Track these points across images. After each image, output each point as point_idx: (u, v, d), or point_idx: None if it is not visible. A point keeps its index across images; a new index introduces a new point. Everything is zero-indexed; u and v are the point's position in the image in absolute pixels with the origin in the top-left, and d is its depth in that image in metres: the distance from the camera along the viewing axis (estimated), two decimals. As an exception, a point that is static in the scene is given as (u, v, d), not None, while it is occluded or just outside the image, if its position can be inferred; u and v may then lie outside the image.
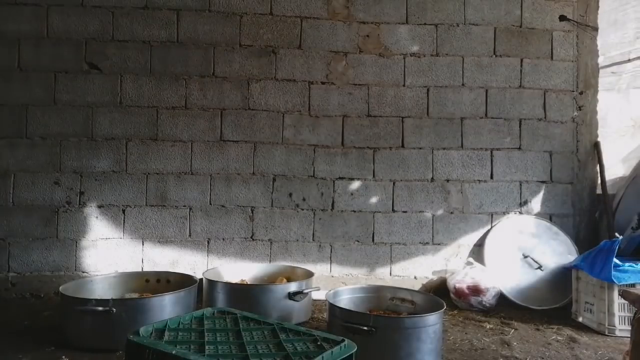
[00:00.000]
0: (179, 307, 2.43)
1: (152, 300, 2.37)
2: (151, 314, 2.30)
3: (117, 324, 2.26)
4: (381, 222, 3.59)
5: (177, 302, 2.43)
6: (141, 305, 2.34)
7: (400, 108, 3.62)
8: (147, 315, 2.29)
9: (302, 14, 3.56)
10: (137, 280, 2.95)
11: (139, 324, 1.68)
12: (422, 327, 2.02)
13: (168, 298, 2.39)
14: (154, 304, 2.35)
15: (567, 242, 3.56)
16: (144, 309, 2.32)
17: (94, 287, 2.78)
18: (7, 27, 3.36)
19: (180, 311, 2.39)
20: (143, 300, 2.40)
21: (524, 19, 3.71)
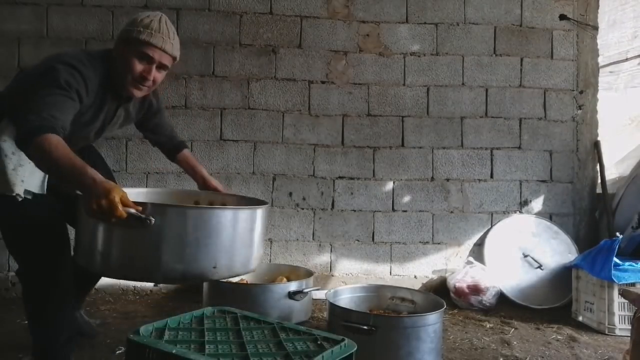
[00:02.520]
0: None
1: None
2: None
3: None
4: (381, 221, 3.59)
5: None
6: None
7: (400, 107, 3.62)
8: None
9: (302, 13, 3.56)
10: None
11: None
12: (422, 326, 2.02)
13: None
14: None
15: (567, 241, 3.56)
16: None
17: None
18: (7, 26, 3.36)
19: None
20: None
21: (524, 18, 3.70)
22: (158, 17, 1.84)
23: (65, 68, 1.63)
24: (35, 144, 1.41)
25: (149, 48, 1.78)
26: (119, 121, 2.01)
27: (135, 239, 1.48)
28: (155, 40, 1.78)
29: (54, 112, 1.51)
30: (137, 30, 1.77)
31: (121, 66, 1.79)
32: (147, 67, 1.80)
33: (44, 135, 1.41)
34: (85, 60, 1.73)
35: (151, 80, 1.82)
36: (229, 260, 1.60)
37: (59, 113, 1.52)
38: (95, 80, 1.74)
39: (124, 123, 2.10)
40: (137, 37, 1.77)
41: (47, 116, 1.47)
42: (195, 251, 1.52)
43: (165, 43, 1.80)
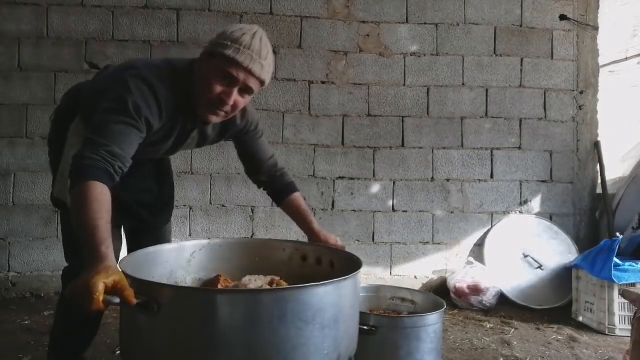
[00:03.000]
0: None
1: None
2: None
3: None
4: (381, 221, 3.59)
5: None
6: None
7: (400, 107, 3.62)
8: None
9: (302, 13, 3.56)
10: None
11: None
12: (422, 326, 2.02)
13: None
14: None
15: (567, 241, 3.56)
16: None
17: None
18: (7, 26, 3.36)
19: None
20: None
21: (524, 18, 3.70)
22: (252, 32, 1.51)
23: (139, 90, 1.43)
24: (81, 187, 1.24)
25: (233, 66, 1.45)
26: (193, 142, 1.74)
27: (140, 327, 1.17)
28: (241, 57, 1.45)
29: (116, 143, 1.34)
30: (224, 43, 1.46)
31: (200, 83, 1.51)
32: (228, 89, 1.48)
33: (93, 184, 1.24)
34: (166, 75, 1.51)
35: (230, 104, 1.51)
36: None
37: (122, 145, 1.36)
38: (172, 100, 1.51)
39: (200, 144, 1.80)
40: (221, 52, 1.45)
41: (104, 153, 1.30)
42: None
43: (253, 63, 1.47)
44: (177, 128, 1.61)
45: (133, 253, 1.44)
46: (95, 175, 1.27)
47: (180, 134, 1.65)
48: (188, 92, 1.55)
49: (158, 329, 1.13)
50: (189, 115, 1.60)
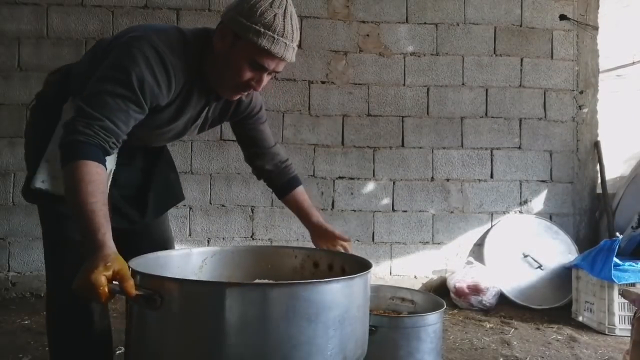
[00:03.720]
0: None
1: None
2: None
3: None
4: (381, 221, 3.59)
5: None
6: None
7: (400, 107, 3.62)
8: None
9: (302, 13, 3.56)
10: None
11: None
12: (422, 326, 2.02)
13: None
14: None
15: (567, 241, 3.56)
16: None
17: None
18: (7, 26, 3.36)
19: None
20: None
21: (524, 18, 3.70)
22: (283, 9, 1.32)
23: (145, 56, 1.28)
24: (69, 167, 1.17)
25: (266, 57, 1.32)
26: (200, 123, 1.58)
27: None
28: (277, 48, 1.31)
29: (111, 118, 1.24)
30: (256, 30, 1.29)
31: (224, 64, 1.37)
32: (259, 75, 1.37)
33: (86, 163, 1.17)
34: (175, 41, 1.35)
35: (259, 89, 1.42)
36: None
37: (117, 121, 1.25)
38: (183, 72, 1.36)
39: (207, 126, 1.65)
40: (254, 40, 1.29)
41: (98, 128, 1.21)
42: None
43: (287, 50, 1.33)
44: (189, 106, 1.45)
45: (143, 256, 1.36)
46: (89, 153, 1.18)
47: (192, 113, 1.49)
48: (200, 65, 1.40)
49: (161, 324, 1.12)
50: (201, 91, 1.45)
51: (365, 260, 1.42)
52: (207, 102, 1.51)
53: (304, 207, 1.77)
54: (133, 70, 1.26)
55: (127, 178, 1.58)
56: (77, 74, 1.48)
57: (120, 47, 1.31)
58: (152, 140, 1.56)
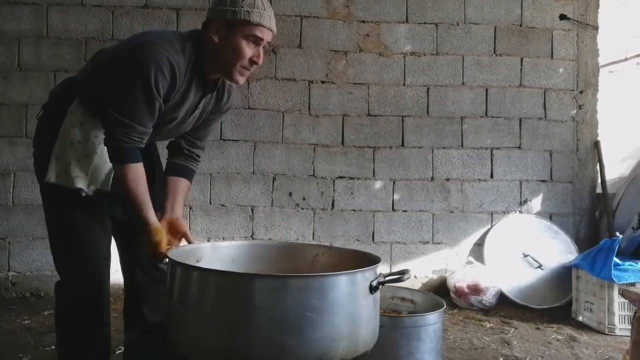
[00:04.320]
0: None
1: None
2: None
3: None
4: (381, 221, 3.59)
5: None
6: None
7: (400, 107, 3.62)
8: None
9: (302, 13, 3.56)
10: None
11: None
12: (422, 326, 2.02)
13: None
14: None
15: (567, 241, 3.56)
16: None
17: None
18: (7, 26, 3.36)
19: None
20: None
21: (524, 17, 3.70)
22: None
23: (157, 60, 1.48)
24: (120, 168, 1.52)
25: (259, 29, 1.55)
26: (198, 113, 1.74)
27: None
28: (265, 20, 1.55)
29: (142, 122, 1.52)
30: (244, 10, 1.52)
31: (225, 52, 1.56)
32: (256, 50, 1.58)
33: (127, 166, 1.50)
34: (177, 44, 1.55)
35: (260, 63, 1.62)
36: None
37: (147, 123, 1.53)
38: (185, 66, 1.57)
39: (202, 117, 1.80)
40: (245, 18, 1.52)
41: (134, 135, 1.51)
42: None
43: (271, 21, 1.58)
44: (189, 96, 1.64)
45: (180, 247, 1.61)
46: (131, 156, 1.51)
47: (192, 103, 1.67)
48: (197, 60, 1.60)
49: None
50: (197, 82, 1.64)
51: (375, 256, 1.52)
52: (204, 94, 1.69)
53: (177, 195, 1.82)
54: (150, 75, 1.47)
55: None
56: (81, 81, 1.65)
57: (131, 54, 1.51)
58: (156, 132, 1.65)
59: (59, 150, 1.58)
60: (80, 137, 1.58)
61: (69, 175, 1.57)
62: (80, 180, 1.58)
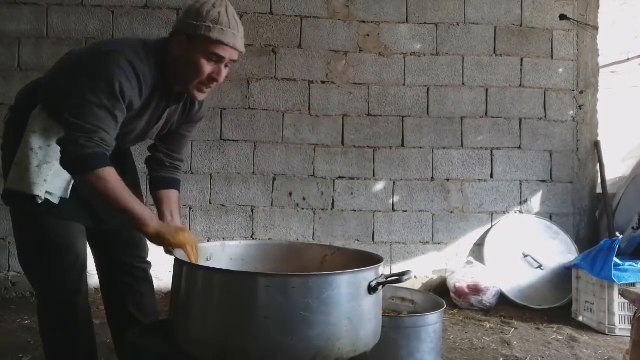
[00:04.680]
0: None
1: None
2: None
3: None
4: (381, 221, 3.59)
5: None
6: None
7: (400, 107, 3.62)
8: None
9: (302, 13, 3.56)
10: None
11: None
12: (423, 326, 2.02)
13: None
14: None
15: (567, 241, 3.56)
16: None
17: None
18: (7, 26, 3.36)
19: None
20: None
21: (524, 18, 3.70)
22: (224, 8, 1.52)
23: (122, 68, 1.43)
24: (88, 179, 1.37)
25: (221, 48, 1.49)
26: (162, 124, 1.71)
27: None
28: (227, 38, 1.49)
29: (105, 129, 1.40)
30: (206, 26, 1.47)
31: (184, 66, 1.53)
32: (217, 67, 1.53)
33: (99, 172, 1.36)
34: (142, 53, 1.50)
35: (220, 81, 1.58)
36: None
37: (110, 130, 1.41)
38: (150, 77, 1.52)
39: (167, 127, 1.76)
40: (206, 34, 1.47)
41: (98, 140, 1.38)
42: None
43: (236, 40, 1.51)
44: (152, 106, 1.59)
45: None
46: (104, 162, 1.37)
47: (154, 113, 1.63)
48: (162, 70, 1.56)
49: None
50: (162, 93, 1.60)
51: (377, 256, 1.57)
52: (167, 105, 1.65)
53: (172, 205, 1.82)
54: (114, 81, 1.41)
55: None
56: (45, 85, 1.60)
57: (97, 61, 1.46)
58: (120, 141, 1.61)
59: (19, 157, 1.53)
60: (41, 143, 1.52)
61: (26, 181, 1.51)
62: (37, 187, 1.51)
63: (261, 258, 1.72)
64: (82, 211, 1.62)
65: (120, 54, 1.45)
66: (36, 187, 1.51)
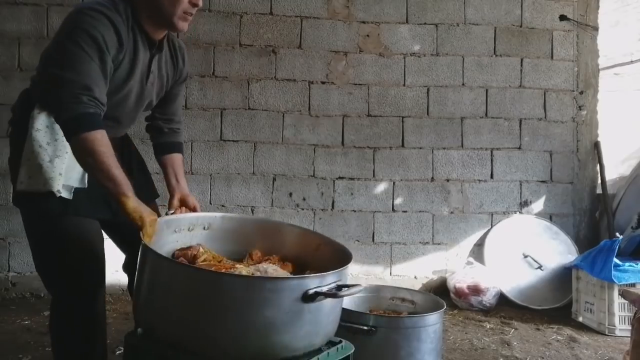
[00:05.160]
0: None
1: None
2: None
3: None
4: (381, 221, 3.59)
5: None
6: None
7: (400, 108, 3.62)
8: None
9: (302, 13, 3.56)
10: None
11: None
12: (423, 326, 2.02)
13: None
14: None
15: (567, 241, 3.56)
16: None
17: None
18: (7, 26, 3.36)
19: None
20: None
21: (524, 18, 3.70)
22: None
23: (96, 19, 1.42)
24: (80, 140, 1.34)
25: None
26: (154, 81, 1.69)
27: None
28: None
29: (91, 86, 1.37)
30: None
31: (161, 1, 1.51)
32: None
33: (90, 133, 1.33)
34: (109, 3, 1.49)
35: (200, 4, 1.58)
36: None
37: (96, 86, 1.38)
38: (124, 24, 1.50)
39: (160, 86, 1.75)
40: None
41: (94, 99, 1.36)
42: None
43: None
44: (138, 58, 1.57)
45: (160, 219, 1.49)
46: (96, 123, 1.35)
47: (143, 67, 1.61)
48: (134, 17, 1.53)
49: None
50: (142, 41, 1.57)
51: (348, 252, 1.48)
52: (152, 55, 1.63)
53: (174, 168, 1.85)
54: (94, 32, 1.40)
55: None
56: (36, 82, 1.60)
57: (71, 21, 1.46)
58: (123, 112, 1.63)
59: (26, 156, 1.50)
60: (48, 139, 1.50)
61: (41, 179, 1.48)
62: (55, 182, 1.48)
63: (257, 235, 1.71)
64: (100, 203, 1.58)
65: (89, 10, 1.44)
66: (53, 182, 1.48)
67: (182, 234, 1.60)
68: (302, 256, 1.63)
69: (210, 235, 1.66)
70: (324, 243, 1.66)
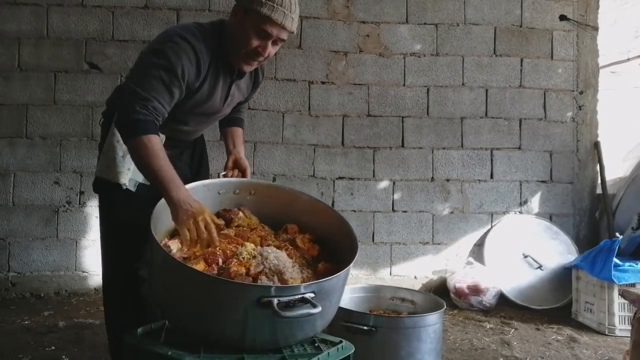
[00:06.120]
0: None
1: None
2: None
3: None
4: (381, 221, 3.59)
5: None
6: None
7: (400, 108, 3.62)
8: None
9: (302, 13, 3.55)
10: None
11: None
12: (423, 326, 2.02)
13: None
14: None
15: (567, 241, 3.56)
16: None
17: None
18: (7, 27, 3.36)
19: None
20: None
21: (524, 18, 3.70)
22: None
23: (176, 44, 1.57)
24: (136, 142, 1.47)
25: (269, 25, 1.59)
26: (232, 99, 1.86)
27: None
28: (276, 15, 1.58)
29: (159, 100, 1.52)
30: (259, 1, 1.58)
31: (236, 37, 1.65)
32: (264, 42, 1.63)
33: (146, 137, 1.46)
34: (197, 32, 1.64)
35: (265, 56, 1.67)
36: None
37: (163, 102, 1.53)
38: (208, 54, 1.64)
39: (237, 101, 1.94)
40: (257, 9, 1.58)
41: (151, 108, 1.49)
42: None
43: (286, 19, 1.60)
44: (219, 83, 1.72)
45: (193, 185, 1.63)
46: (151, 128, 1.48)
47: (223, 89, 1.76)
48: (220, 48, 1.68)
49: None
50: (226, 70, 1.73)
51: (349, 258, 1.52)
52: (232, 80, 1.79)
53: (234, 137, 2.03)
54: (172, 57, 1.55)
55: (178, 170, 1.75)
56: (119, 89, 1.80)
57: (161, 42, 1.61)
58: (195, 121, 1.81)
59: (106, 147, 1.72)
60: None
61: (112, 170, 1.69)
62: (122, 176, 1.69)
63: (304, 212, 1.77)
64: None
65: (175, 35, 1.60)
66: (121, 175, 1.70)
67: (228, 196, 1.75)
68: (335, 240, 1.69)
69: (256, 201, 1.78)
70: (352, 239, 1.68)
